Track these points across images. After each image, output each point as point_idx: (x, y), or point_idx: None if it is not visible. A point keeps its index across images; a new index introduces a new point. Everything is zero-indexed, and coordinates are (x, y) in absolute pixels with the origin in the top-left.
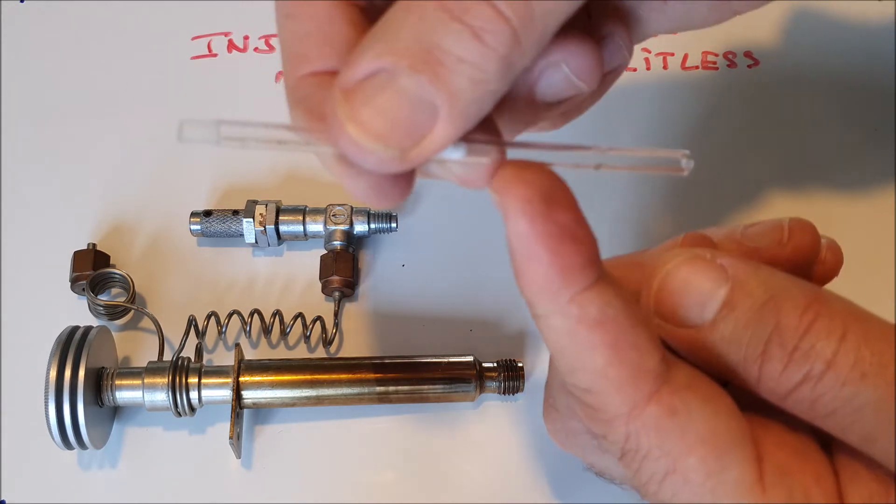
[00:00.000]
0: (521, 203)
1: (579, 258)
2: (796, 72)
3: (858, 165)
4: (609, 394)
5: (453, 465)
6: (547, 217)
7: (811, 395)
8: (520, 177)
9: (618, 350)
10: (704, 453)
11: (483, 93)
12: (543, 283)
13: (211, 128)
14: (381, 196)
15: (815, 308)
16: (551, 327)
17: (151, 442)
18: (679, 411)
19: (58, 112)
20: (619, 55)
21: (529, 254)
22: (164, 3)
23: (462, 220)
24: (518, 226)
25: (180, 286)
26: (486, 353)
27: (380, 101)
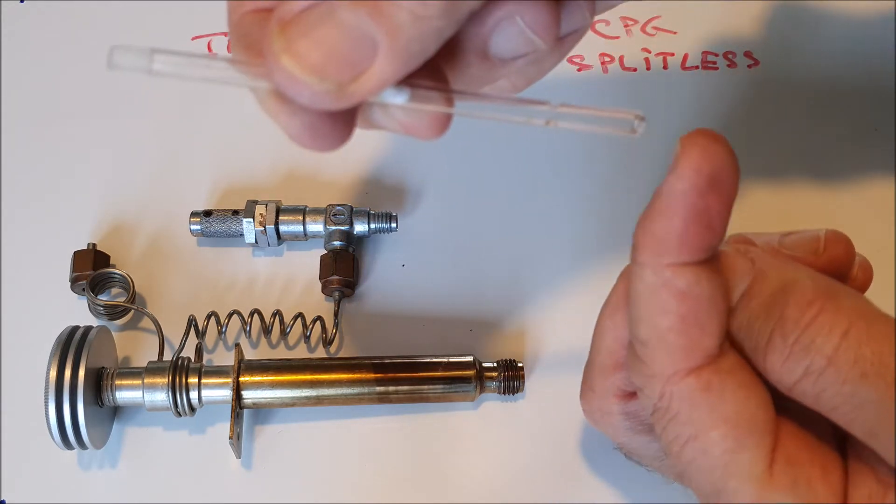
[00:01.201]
0: (692, 169)
1: (700, 240)
2: (796, 72)
3: (858, 165)
4: (660, 353)
5: (453, 465)
6: (702, 194)
7: (813, 389)
8: (707, 146)
9: (684, 322)
10: (726, 431)
11: (425, 30)
12: (661, 239)
13: (144, 56)
14: (317, 137)
15: (821, 302)
16: (642, 277)
17: (151, 442)
18: (713, 388)
19: (58, 112)
20: (579, 17)
21: (668, 210)
22: (164, 3)
23: (462, 220)
24: (677, 183)
25: (180, 286)
26: (486, 353)
27: (317, 33)
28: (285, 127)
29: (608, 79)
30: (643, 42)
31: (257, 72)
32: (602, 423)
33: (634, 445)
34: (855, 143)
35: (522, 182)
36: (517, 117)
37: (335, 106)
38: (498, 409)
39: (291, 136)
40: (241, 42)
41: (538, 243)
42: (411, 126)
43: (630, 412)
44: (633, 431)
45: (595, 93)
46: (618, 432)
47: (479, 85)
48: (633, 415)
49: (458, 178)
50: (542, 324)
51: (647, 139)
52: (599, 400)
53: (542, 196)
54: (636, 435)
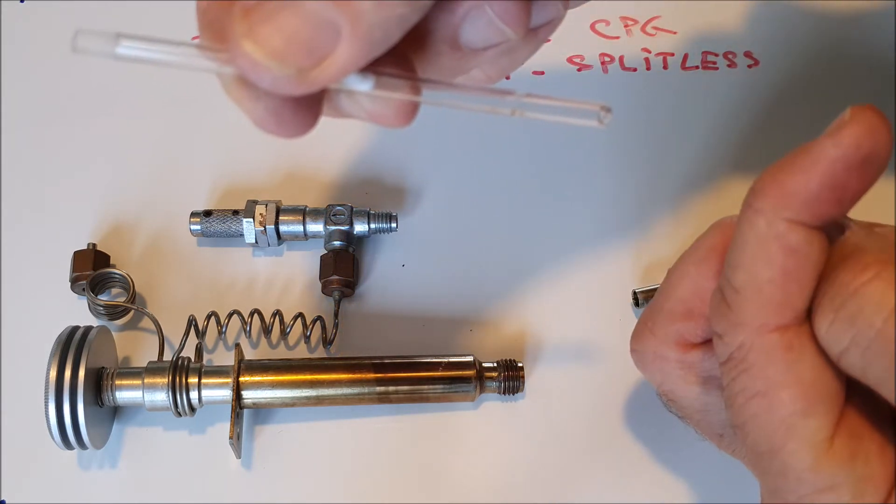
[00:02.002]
0: (852, 142)
1: (826, 209)
2: (796, 72)
3: None
4: (752, 302)
5: (453, 465)
6: (850, 168)
7: (861, 362)
8: (874, 128)
9: (786, 277)
10: (797, 393)
11: (388, 16)
12: (789, 192)
13: (108, 40)
14: (281, 123)
15: (877, 268)
16: (753, 223)
17: (151, 442)
18: (794, 349)
19: (58, 112)
20: (552, 8)
21: (810, 168)
22: (165, 4)
23: (462, 220)
24: (830, 148)
25: (180, 286)
26: (486, 353)
27: (279, 18)
28: (249, 112)
29: (608, 79)
30: (643, 42)
31: (222, 57)
32: (652, 366)
33: (682, 395)
34: None
35: (522, 182)
36: (483, 106)
37: (297, 91)
38: (498, 409)
39: (255, 122)
40: (208, 28)
41: (538, 243)
42: (377, 114)
43: (688, 362)
44: (684, 381)
45: (595, 93)
46: (668, 379)
47: (452, 75)
48: (690, 365)
49: (458, 178)
50: (542, 324)
51: (647, 139)
52: (658, 343)
53: (542, 196)
54: (687, 385)
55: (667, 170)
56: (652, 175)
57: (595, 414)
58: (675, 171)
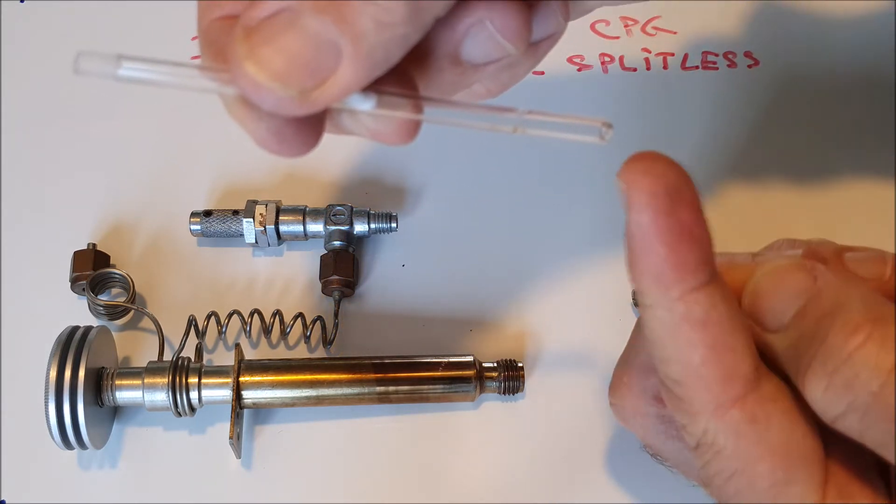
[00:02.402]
0: (647, 196)
1: (694, 257)
2: (796, 72)
3: (859, 165)
4: (698, 390)
5: (453, 465)
6: (670, 213)
7: (859, 426)
8: (648, 169)
9: (715, 351)
10: (774, 463)
11: (390, 36)
12: (656, 276)
13: (110, 62)
14: (283, 143)
15: (868, 329)
16: (656, 318)
17: (151, 442)
18: (759, 420)
19: (58, 112)
20: (553, 21)
21: (647, 246)
22: (165, 4)
23: (462, 220)
24: (641, 217)
25: (180, 286)
26: (486, 353)
27: (281, 39)
28: (252, 132)
29: (608, 79)
30: (643, 42)
31: (224, 78)
32: (633, 422)
33: (666, 449)
34: (855, 143)
35: (522, 182)
36: (485, 124)
37: (299, 112)
38: (498, 409)
39: (258, 142)
40: (209, 48)
41: (538, 243)
42: (379, 132)
43: (668, 417)
44: (666, 435)
45: (595, 93)
46: (649, 434)
47: (453, 91)
48: (670, 420)
49: (458, 178)
50: (542, 324)
51: (647, 140)
52: (635, 399)
53: (542, 196)
54: (669, 439)
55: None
56: None
57: (595, 414)
58: None
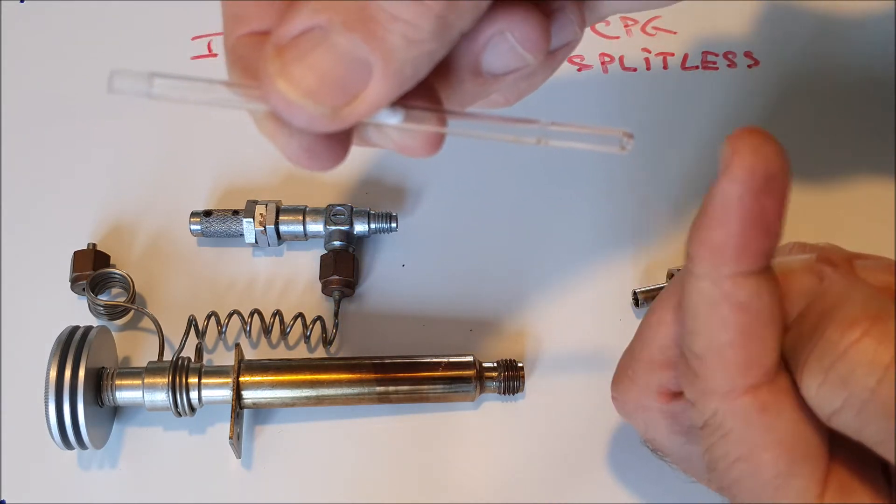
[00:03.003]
0: (746, 171)
1: (758, 246)
2: (796, 72)
3: (859, 165)
4: (717, 368)
5: (453, 464)
6: (758, 196)
7: (855, 423)
8: (759, 147)
9: (745, 337)
10: (779, 454)
11: (418, 53)
12: (717, 248)
13: (143, 80)
14: (314, 158)
15: (866, 325)
16: (699, 289)
17: (151, 442)
18: (770, 410)
19: (58, 112)
20: (570, 30)
21: (722, 217)
22: (164, 3)
23: (462, 220)
24: (731, 187)
25: (180, 286)
26: (486, 353)
27: (312, 57)
28: (282, 148)
29: (608, 79)
30: (643, 42)
31: (254, 95)
32: (635, 416)
33: (667, 444)
34: (855, 143)
35: (523, 182)
36: (509, 136)
37: (330, 128)
38: (498, 409)
39: (289, 158)
40: (237, 65)
41: (538, 243)
42: (406, 145)
43: (671, 412)
44: (668, 430)
45: (595, 93)
46: (651, 429)
47: (473, 100)
48: (674, 415)
49: (459, 178)
50: (542, 324)
51: (647, 139)
52: (639, 393)
53: (542, 196)
54: (672, 434)
55: (667, 170)
56: (652, 175)
57: (595, 414)
58: (675, 171)
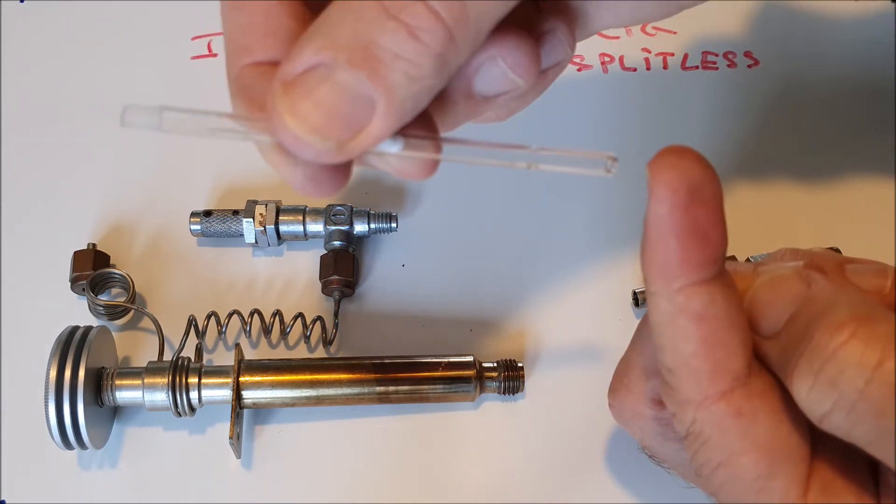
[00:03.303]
0: (667, 189)
1: (701, 255)
2: (796, 72)
3: (858, 165)
4: (687, 379)
5: (453, 465)
6: (686, 209)
7: (846, 423)
8: (675, 163)
9: (707, 345)
10: (758, 457)
11: (419, 88)
12: (663, 266)
13: (154, 114)
14: (318, 186)
15: (852, 327)
16: (657, 306)
17: (151, 442)
18: (745, 414)
19: (58, 112)
20: (560, 51)
21: (659, 237)
22: (164, 3)
23: (462, 220)
24: (658, 208)
25: (180, 286)
26: (486, 353)
27: (318, 94)
28: (288, 178)
29: (608, 79)
30: (643, 42)
31: (261, 127)
32: (631, 423)
33: (663, 451)
34: (855, 143)
35: (523, 182)
36: (501, 161)
37: (336, 160)
38: (498, 409)
39: (294, 186)
40: (241, 95)
41: (538, 243)
42: (404, 170)
43: (665, 419)
44: (663, 437)
45: (595, 93)
46: (647, 436)
47: (465, 119)
48: (668, 422)
49: (458, 178)
50: (542, 324)
51: (646, 139)
52: (634, 401)
53: (542, 195)
54: (666, 441)
55: None
56: None
57: (595, 414)
58: None
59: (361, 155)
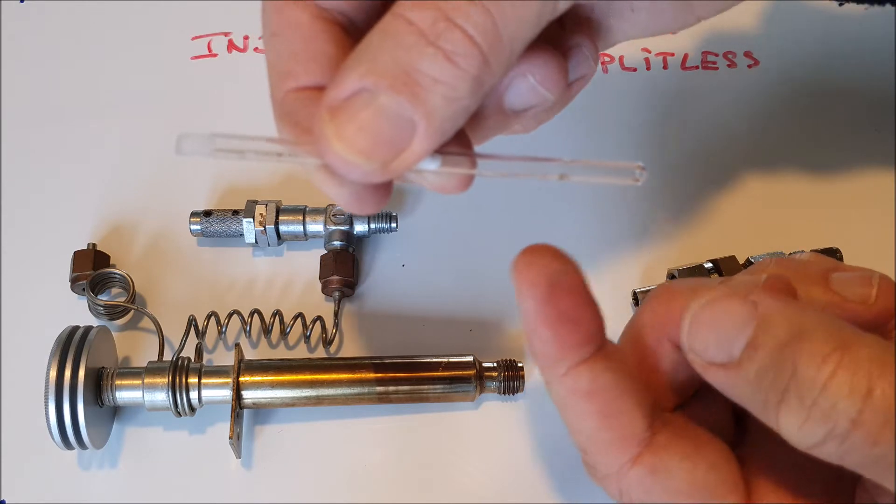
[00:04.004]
0: (528, 286)
1: (575, 338)
2: (796, 72)
3: (858, 166)
4: (599, 454)
5: (453, 465)
6: (549, 301)
7: (838, 451)
8: (532, 261)
9: (605, 417)
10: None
11: (456, 109)
12: (543, 355)
13: (206, 141)
14: (362, 204)
15: (837, 357)
16: (552, 392)
17: (151, 442)
18: (658, 470)
19: (58, 112)
20: (586, 65)
21: (533, 329)
22: (164, 3)
23: (462, 220)
24: (524, 305)
25: (180, 286)
26: (486, 353)
27: (363, 118)
28: (334, 197)
29: (608, 79)
30: (643, 42)
31: (307, 150)
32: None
33: None
34: (855, 143)
35: (522, 182)
36: (535, 174)
37: (380, 180)
38: (498, 409)
39: (339, 204)
40: (285, 119)
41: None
42: (441, 186)
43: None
44: None
45: (595, 93)
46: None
47: (495, 132)
48: None
49: None
50: None
51: (646, 139)
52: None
53: (542, 195)
54: None
55: (667, 169)
56: (651, 175)
57: None
58: (674, 171)
59: (404, 172)
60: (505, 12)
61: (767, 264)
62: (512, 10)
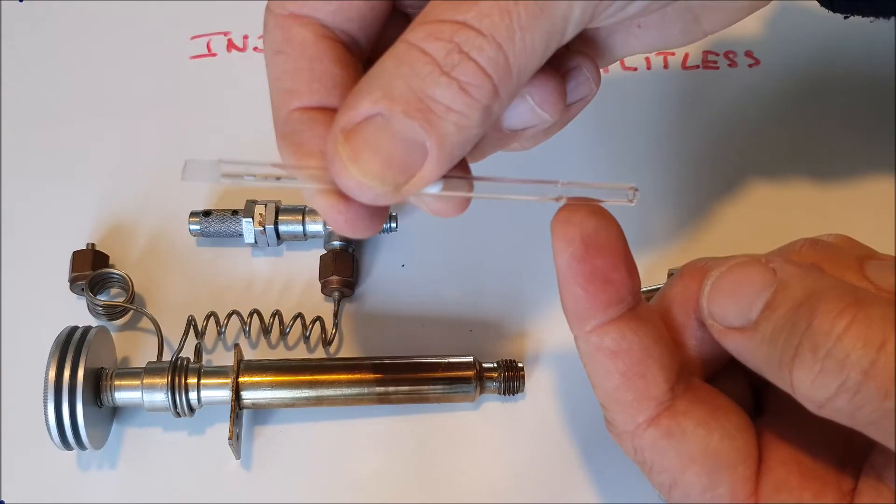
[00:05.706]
0: (563, 243)
1: (605, 297)
2: (796, 72)
3: (858, 165)
4: (617, 412)
5: (453, 465)
6: (584, 259)
7: (849, 406)
8: (569, 218)
9: (627, 378)
10: (697, 470)
11: (466, 137)
12: (573, 311)
13: (213, 167)
14: (356, 229)
15: (852, 312)
16: (579, 348)
17: (151, 442)
18: (674, 434)
19: (58, 112)
20: (586, 87)
21: (565, 285)
22: (164, 3)
23: (462, 220)
24: (559, 260)
25: (180, 286)
26: (486, 353)
27: (377, 142)
28: (332, 223)
29: (609, 79)
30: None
31: (311, 174)
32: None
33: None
34: (855, 143)
35: None
36: (532, 196)
37: (391, 202)
38: (498, 409)
39: (336, 229)
40: (287, 139)
41: (538, 243)
42: (440, 209)
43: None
44: None
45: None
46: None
47: (492, 150)
48: None
49: None
50: (542, 324)
51: (646, 139)
52: None
53: None
54: None
55: (667, 169)
56: (652, 174)
57: (595, 414)
58: (674, 171)
59: (413, 196)
60: (516, 46)
61: (802, 244)
62: (522, 44)
